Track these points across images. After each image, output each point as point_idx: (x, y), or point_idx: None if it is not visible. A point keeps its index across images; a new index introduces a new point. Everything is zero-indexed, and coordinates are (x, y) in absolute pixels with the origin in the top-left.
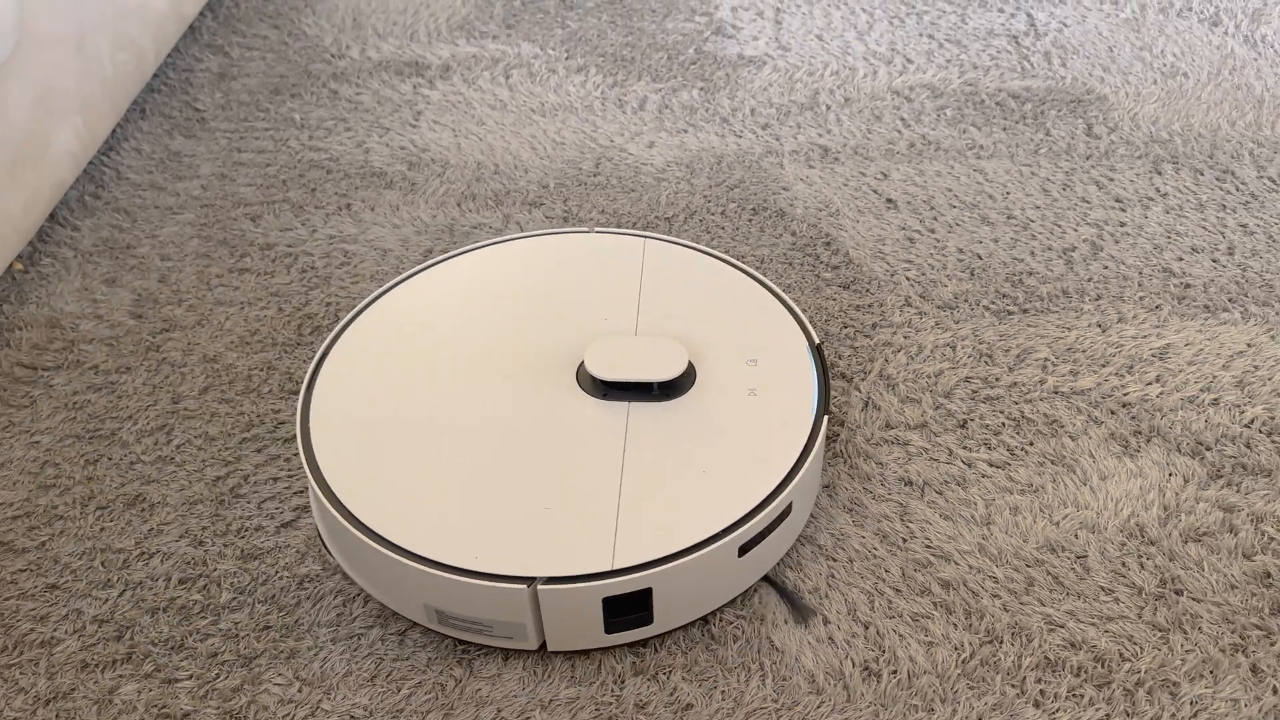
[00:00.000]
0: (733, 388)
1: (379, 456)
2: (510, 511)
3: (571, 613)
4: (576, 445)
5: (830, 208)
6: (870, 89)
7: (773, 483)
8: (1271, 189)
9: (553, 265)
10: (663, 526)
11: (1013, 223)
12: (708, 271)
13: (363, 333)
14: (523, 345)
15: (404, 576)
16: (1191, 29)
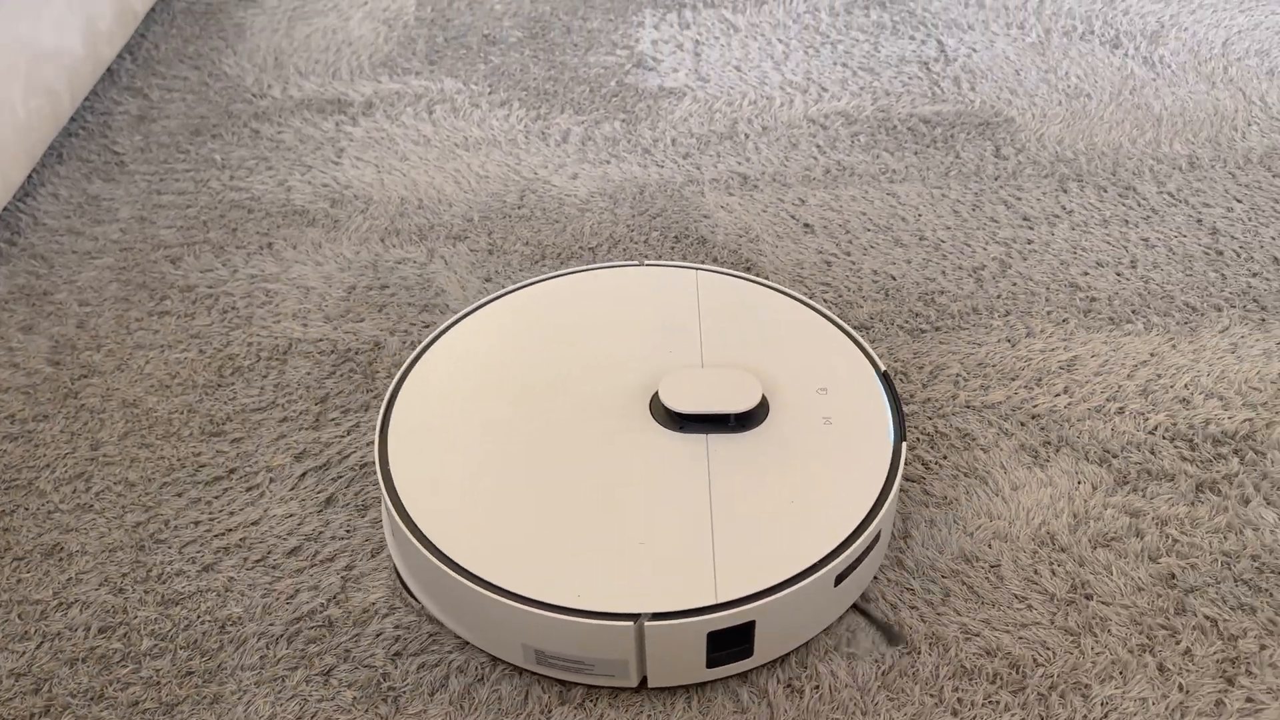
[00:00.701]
0: (807, 417)
1: (465, 496)
2: (605, 548)
3: (675, 648)
4: (661, 479)
5: (750, 234)
6: (787, 117)
7: (862, 512)
8: (1171, 203)
9: (608, 299)
10: (761, 559)
11: (925, 244)
12: (762, 301)
13: (427, 374)
14: (592, 380)
15: (504, 618)
16: (1094, 51)
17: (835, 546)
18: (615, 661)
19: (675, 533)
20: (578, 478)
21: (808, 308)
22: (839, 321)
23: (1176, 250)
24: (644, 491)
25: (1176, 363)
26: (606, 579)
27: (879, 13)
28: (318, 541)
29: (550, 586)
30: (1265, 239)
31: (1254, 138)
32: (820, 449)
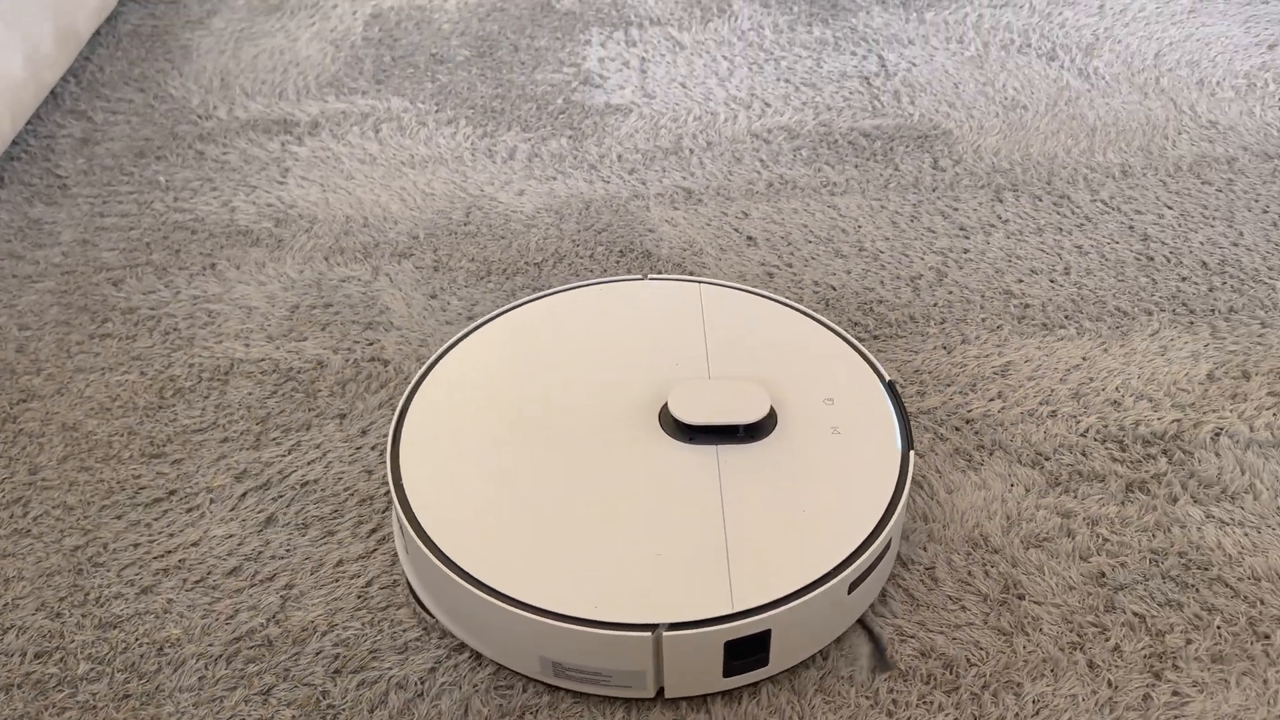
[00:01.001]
0: (815, 427)
1: (479, 510)
2: (621, 559)
3: (692, 658)
4: (673, 490)
5: (694, 247)
6: (731, 133)
7: (874, 519)
8: (1104, 211)
9: (613, 313)
10: (775, 568)
11: (864, 254)
12: (766, 313)
13: (436, 389)
14: (600, 392)
15: (522, 631)
16: (1030, 64)
17: (848, 555)
18: (633, 672)
19: (689, 543)
20: (590, 490)
21: (812, 320)
22: (843, 332)
23: (1109, 257)
24: (657, 502)
25: (1108, 366)
26: (623, 590)
27: (822, 29)
28: (257, 561)
29: (568, 598)
30: (1194, 244)
31: (1184, 146)
32: (829, 458)
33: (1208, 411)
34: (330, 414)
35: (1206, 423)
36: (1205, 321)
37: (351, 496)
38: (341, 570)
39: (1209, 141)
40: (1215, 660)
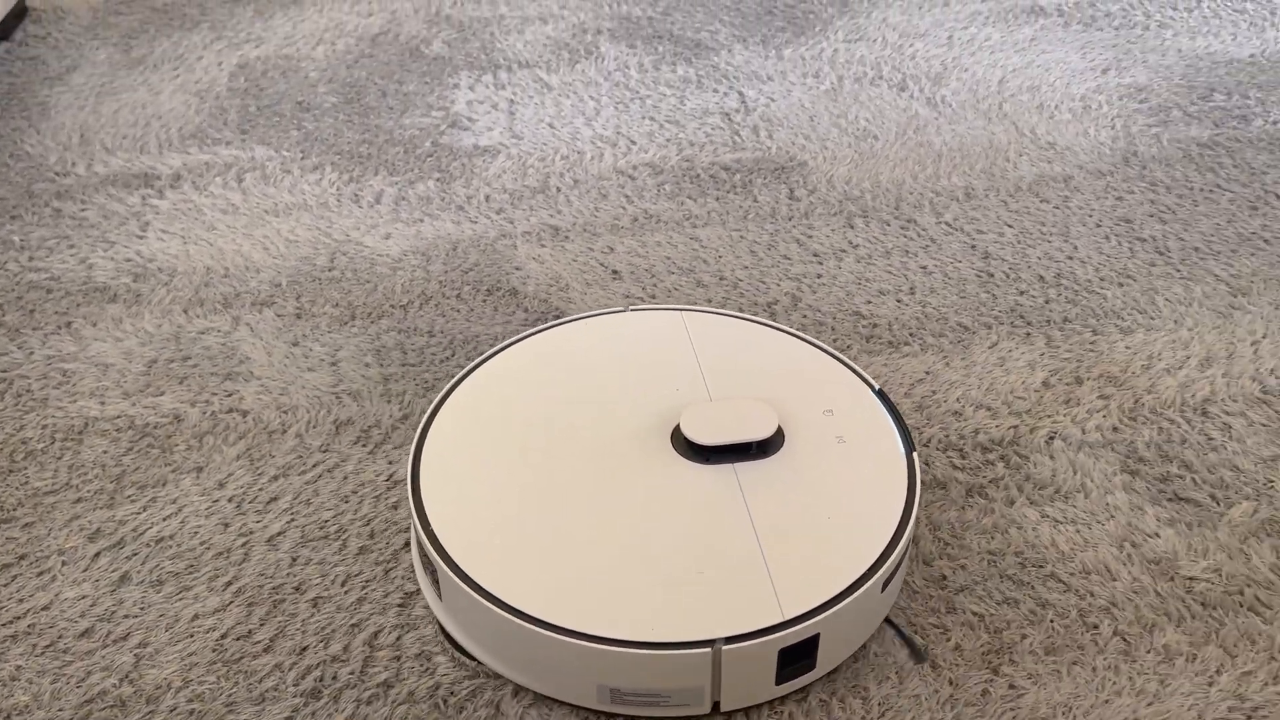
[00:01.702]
0: (820, 438)
1: (513, 545)
2: (666, 581)
3: (748, 669)
4: (701, 510)
5: (560, 283)
6: (597, 170)
7: (895, 518)
8: (948, 232)
9: (605, 344)
10: (815, 574)
11: (724, 283)
12: (751, 335)
13: (445, 433)
14: (608, 421)
15: (579, 660)
16: (882, 95)
17: (880, 554)
18: (691, 689)
19: (728, 559)
20: (620, 516)
21: (795, 337)
22: (826, 347)
23: (952, 275)
24: (688, 523)
25: (949, 379)
26: (676, 610)
27: (685, 68)
28: (110, 621)
29: (623, 624)
30: (1032, 259)
31: (1024, 167)
32: (840, 466)
33: (1042, 417)
34: (187, 468)
35: (1041, 427)
36: (1041, 332)
37: (207, 550)
38: (197, 625)
39: (1047, 162)
40: (1048, 652)
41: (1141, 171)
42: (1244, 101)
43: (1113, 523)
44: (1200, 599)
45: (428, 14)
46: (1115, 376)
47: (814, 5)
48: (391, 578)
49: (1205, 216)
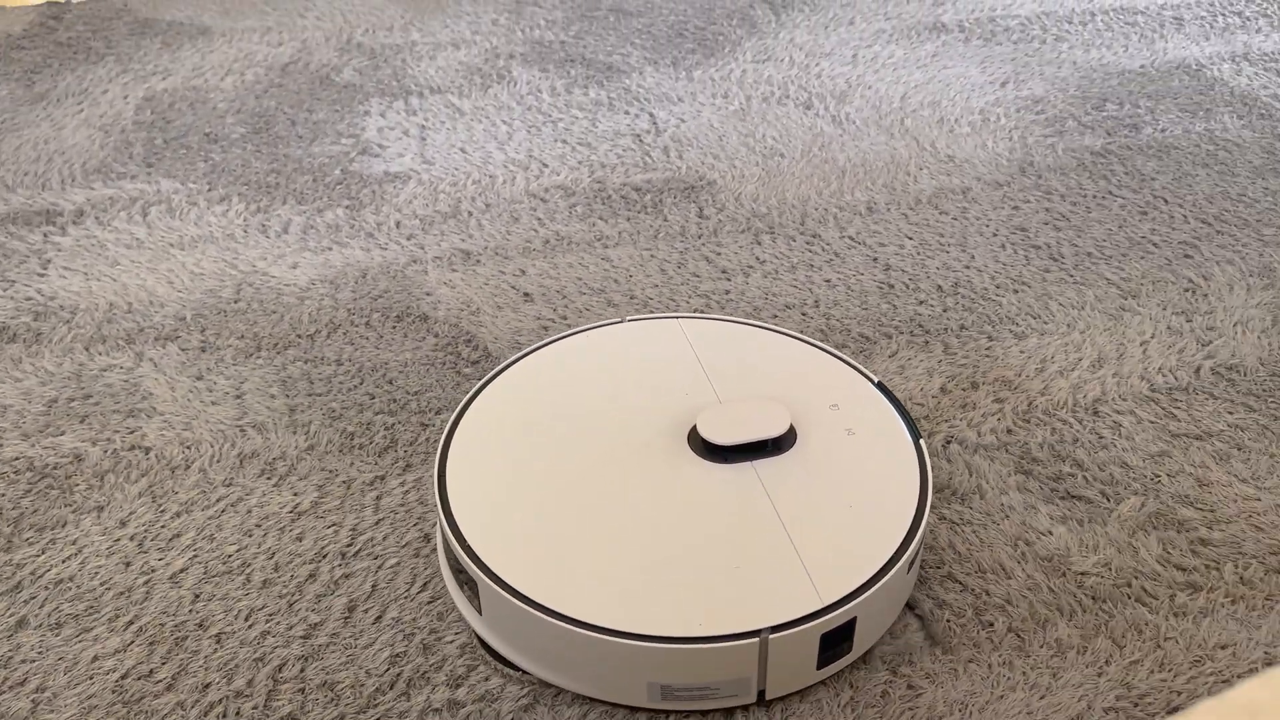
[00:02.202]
0: (830, 431)
1: (550, 551)
2: (704, 577)
3: (791, 656)
4: (728, 507)
5: (471, 307)
6: (509, 194)
7: (913, 503)
8: (851, 246)
9: (608, 353)
10: (846, 560)
11: (634, 302)
12: (747, 336)
13: (466, 447)
14: (624, 428)
15: (631, 660)
16: (789, 114)
17: (904, 537)
18: (739, 680)
19: (762, 552)
20: (650, 518)
21: (789, 336)
22: (821, 345)
23: (854, 288)
24: (717, 520)
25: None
26: (719, 604)
27: (597, 91)
28: (7, 667)
29: (671, 621)
30: (931, 270)
31: (924, 180)
32: (853, 457)
33: (940, 422)
34: (88, 508)
35: (939, 432)
36: (939, 340)
37: (107, 590)
38: (96, 666)
39: (946, 174)
40: (945, 651)
41: (1037, 181)
42: (1135, 110)
43: (1007, 522)
44: (1091, 593)
45: (339, 42)
46: (1010, 380)
47: (723, 27)
48: (295, 610)
49: (1098, 223)
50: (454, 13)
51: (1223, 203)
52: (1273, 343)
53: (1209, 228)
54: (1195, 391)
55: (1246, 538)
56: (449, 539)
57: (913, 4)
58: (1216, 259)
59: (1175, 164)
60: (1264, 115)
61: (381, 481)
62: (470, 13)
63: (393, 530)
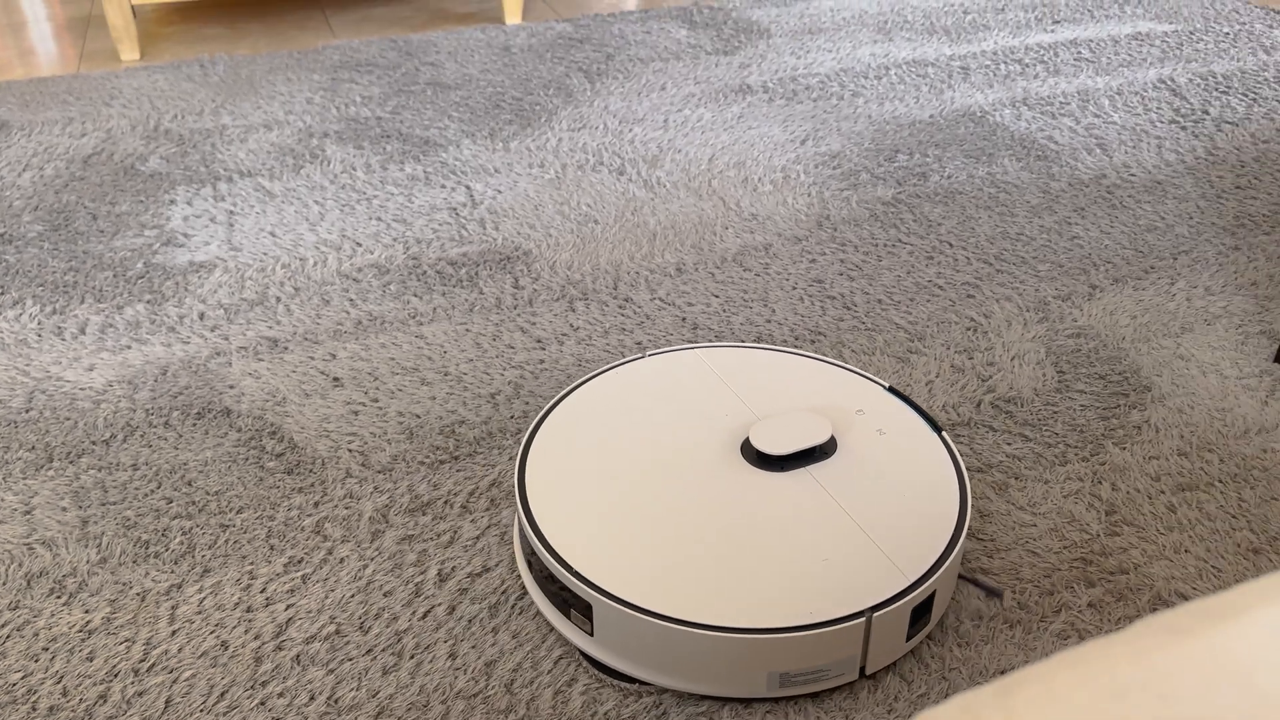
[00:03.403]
0: (864, 433)
1: (652, 566)
2: (800, 572)
3: (888, 632)
4: (799, 508)
5: (277, 397)
6: (320, 276)
7: (956, 485)
8: (661, 307)
9: (642, 385)
10: (917, 541)
11: (448, 379)
12: (763, 358)
13: (540, 486)
14: (678, 447)
15: (751, 653)
16: (603, 180)
17: (958, 517)
18: (847, 659)
19: (842, 543)
20: (731, 525)
21: (800, 355)
22: (832, 360)
23: None
24: (792, 521)
25: None
26: (823, 593)
27: (414, 165)
28: None
29: (786, 613)
30: (735, 326)
31: (730, 239)
32: (891, 453)
33: None
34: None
35: None
36: None
37: None
38: None
39: (750, 232)
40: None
41: (833, 234)
42: (924, 160)
43: None
44: None
45: (145, 130)
46: None
47: (540, 97)
48: None
49: (888, 270)
50: (267, 94)
51: (1002, 243)
52: (1046, 373)
53: (990, 267)
54: (976, 425)
55: (1024, 564)
56: (557, 571)
57: (720, 68)
58: (996, 297)
59: (960, 209)
60: (1040, 156)
61: (178, 590)
62: (284, 93)
63: (189, 640)
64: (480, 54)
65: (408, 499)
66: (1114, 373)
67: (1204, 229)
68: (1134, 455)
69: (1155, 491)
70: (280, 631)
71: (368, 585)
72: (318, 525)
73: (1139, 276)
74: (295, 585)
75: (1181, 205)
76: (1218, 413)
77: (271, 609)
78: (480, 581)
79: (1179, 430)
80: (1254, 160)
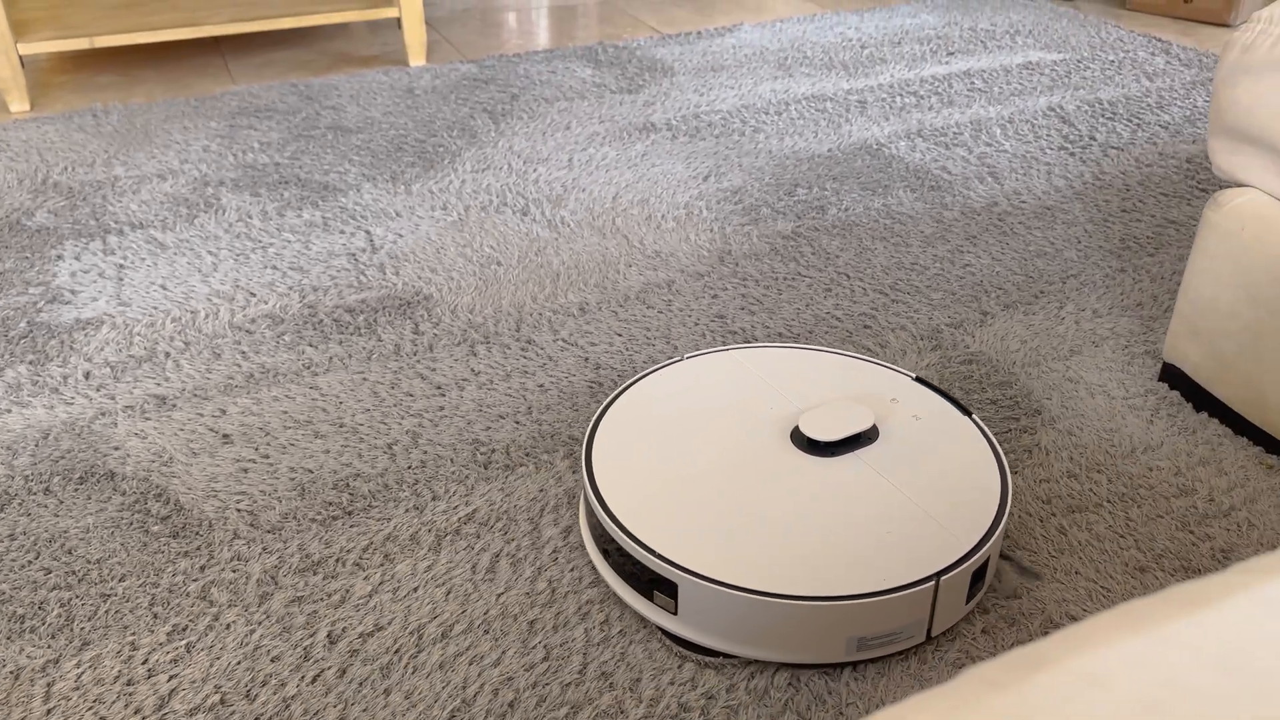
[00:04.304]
0: (902, 420)
1: (727, 545)
2: (867, 543)
3: (952, 595)
4: (855, 489)
5: (164, 457)
6: (212, 329)
7: (995, 462)
8: (564, 348)
9: (685, 387)
10: (969, 513)
11: (343, 430)
12: (797, 356)
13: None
14: (731, 438)
15: (832, 620)
16: (507, 221)
17: (1001, 488)
18: (917, 622)
19: (901, 518)
20: (796, 506)
21: (829, 352)
22: (861, 356)
23: (566, 390)
24: (852, 500)
25: (556, 492)
26: (892, 561)
27: (312, 211)
28: None
29: (863, 581)
30: (637, 364)
31: (634, 277)
32: (931, 436)
33: None
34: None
35: None
36: None
37: None
38: None
39: (654, 269)
40: None
41: (734, 268)
42: (822, 193)
43: None
44: None
45: (33, 183)
46: None
47: (444, 139)
48: None
49: (788, 303)
50: (162, 142)
51: (897, 273)
52: None
53: (885, 297)
54: None
55: None
56: (640, 556)
57: (625, 106)
58: (891, 326)
59: (857, 240)
60: (934, 187)
61: (55, 665)
62: (180, 141)
63: (64, 718)
64: (383, 96)
65: (298, 558)
66: (1005, 397)
67: (1091, 252)
68: (1026, 479)
69: (1046, 514)
70: (162, 704)
71: (255, 651)
72: (203, 590)
73: (1029, 301)
74: (179, 654)
75: (1070, 230)
76: (1105, 433)
77: (153, 680)
78: (372, 641)
79: (1069, 452)
80: (1138, 184)
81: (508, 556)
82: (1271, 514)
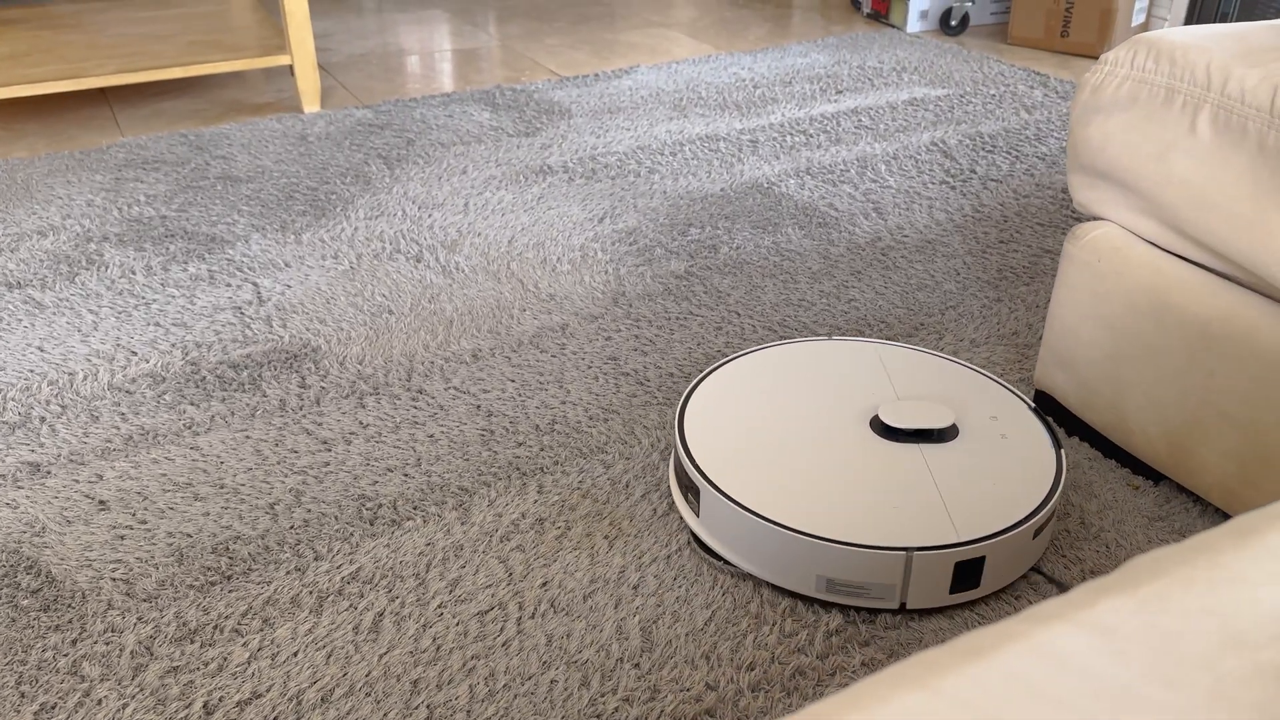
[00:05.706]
0: (987, 434)
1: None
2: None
3: (929, 575)
4: (894, 469)
5: (36, 527)
6: (90, 390)
7: (1044, 491)
8: (455, 396)
9: (813, 362)
10: (982, 516)
11: (224, 492)
12: (927, 361)
13: (699, 411)
14: (821, 410)
15: (803, 553)
16: (400, 268)
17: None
18: (886, 585)
19: (918, 501)
20: (834, 467)
21: (965, 367)
22: (989, 374)
23: (456, 439)
24: (885, 476)
25: (445, 545)
26: (879, 525)
27: (198, 265)
28: None
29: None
30: (530, 410)
31: (528, 321)
32: (1002, 453)
33: (535, 568)
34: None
35: (536, 579)
36: (534, 480)
37: None
38: None
39: (548, 313)
40: None
41: (628, 310)
42: (715, 232)
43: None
44: None
45: None
46: (600, 513)
47: (336, 186)
48: None
49: (679, 343)
50: (43, 198)
51: (785, 309)
52: None
53: (774, 334)
54: None
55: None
56: (684, 461)
57: (522, 149)
58: None
59: (747, 278)
60: (821, 224)
61: None
62: (62, 196)
63: None
64: (275, 144)
65: (174, 627)
66: None
67: (969, 284)
68: None
69: None
70: None
71: None
72: (74, 665)
73: (909, 334)
74: None
75: (949, 262)
76: None
77: None
78: (250, 709)
79: None
80: (1015, 215)
81: (391, 615)
82: (1138, 534)
